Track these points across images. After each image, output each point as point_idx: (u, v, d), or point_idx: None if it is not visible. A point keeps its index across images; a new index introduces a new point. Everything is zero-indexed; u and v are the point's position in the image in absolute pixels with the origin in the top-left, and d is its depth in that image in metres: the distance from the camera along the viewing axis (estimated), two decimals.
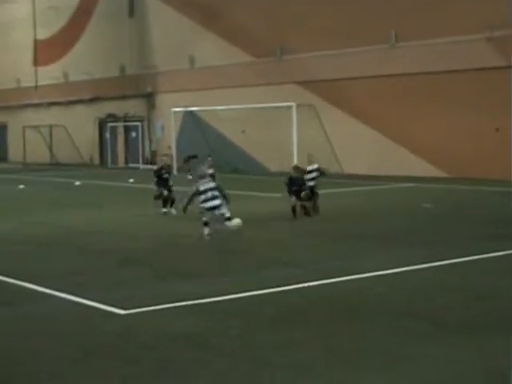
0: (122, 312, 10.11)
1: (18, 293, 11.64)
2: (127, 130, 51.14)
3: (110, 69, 50.81)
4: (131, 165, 48.81)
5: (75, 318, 10.01)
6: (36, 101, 57.82)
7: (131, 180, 35.30)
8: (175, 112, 43.37)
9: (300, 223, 19.48)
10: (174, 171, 41.00)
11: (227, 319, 9.78)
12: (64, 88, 55.13)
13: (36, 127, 55.69)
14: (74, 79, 54.28)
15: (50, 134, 55.53)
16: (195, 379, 7.51)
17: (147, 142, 49.35)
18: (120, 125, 51.34)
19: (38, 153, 55.47)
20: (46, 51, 57.04)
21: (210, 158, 25.66)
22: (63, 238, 17.61)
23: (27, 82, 58.85)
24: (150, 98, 48.81)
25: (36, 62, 58.38)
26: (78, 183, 33.80)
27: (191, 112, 44.10)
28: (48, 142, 55.96)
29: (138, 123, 49.52)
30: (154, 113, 48.75)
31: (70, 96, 54.33)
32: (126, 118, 50.82)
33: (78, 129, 53.91)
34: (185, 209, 17.41)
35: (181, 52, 45.14)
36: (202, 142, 43.14)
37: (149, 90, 48.46)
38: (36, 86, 58.34)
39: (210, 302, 10.64)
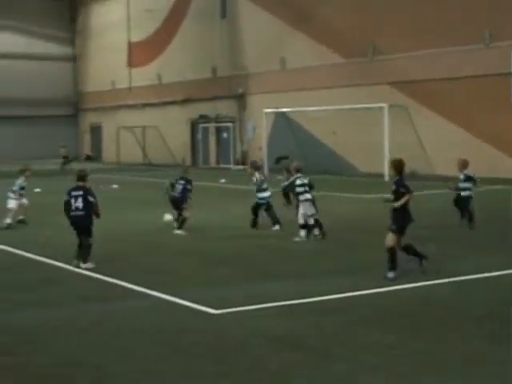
0: (214, 312, 10.18)
1: (111, 290, 11.85)
2: (219, 130, 51.56)
3: (202, 70, 51.32)
4: (222, 165, 49.19)
5: (167, 316, 10.13)
6: (130, 102, 58.86)
7: (223, 180, 35.56)
8: (266, 113, 43.53)
9: None
10: (265, 171, 41.24)
11: (320, 320, 9.74)
12: (157, 89, 55.96)
13: (130, 128, 56.72)
14: (167, 81, 55.04)
15: (143, 135, 56.46)
16: (287, 380, 7.51)
17: (238, 143, 49.65)
18: (212, 126, 51.79)
19: (132, 153, 56.49)
20: (140, 53, 58.02)
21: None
22: (156, 237, 17.84)
23: (122, 83, 59.99)
24: (241, 99, 49.08)
25: (130, 64, 59.45)
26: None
27: (282, 113, 44.17)
28: (141, 143, 56.90)
29: (230, 124, 49.88)
30: (245, 114, 49.00)
31: (162, 97, 55.11)
32: (217, 119, 51.25)
33: (171, 129, 54.64)
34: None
35: (272, 53, 45.25)
36: (293, 143, 43.18)
37: (240, 91, 48.74)
38: (130, 88, 59.41)
39: (302, 303, 10.63)
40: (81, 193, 13.77)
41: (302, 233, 16.74)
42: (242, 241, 16.99)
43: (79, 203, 13.68)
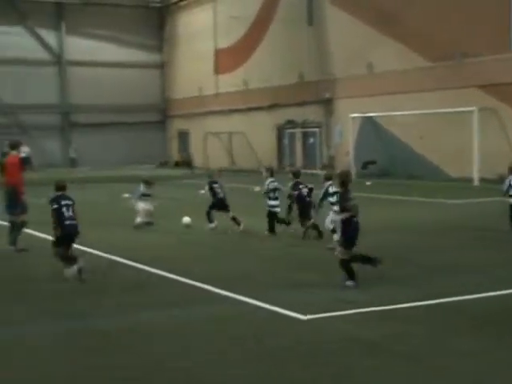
0: (302, 317, 10.17)
1: (197, 294, 11.95)
2: (305, 135, 51.55)
3: (288, 76, 51.43)
4: (309, 171, 49.15)
5: (255, 321, 10.16)
6: (217, 108, 59.40)
7: (310, 186, 35.48)
8: (353, 117, 43.35)
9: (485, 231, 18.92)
10: (353, 176, 41.08)
11: (410, 326, 9.65)
12: (244, 95, 56.32)
13: (217, 134, 57.22)
14: (253, 86, 55.33)
15: (230, 141, 56.88)
16: None
17: (325, 148, 49.55)
18: (298, 131, 51.83)
19: (219, 159, 56.93)
20: (226, 60, 58.51)
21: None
22: (239, 241, 17.96)
23: (208, 90, 60.61)
24: (328, 103, 48.97)
25: (217, 71, 60.01)
26: (257, 189, 34.35)
27: (369, 117, 43.91)
28: (228, 148, 57.34)
29: (316, 129, 49.82)
30: (332, 119, 48.89)
31: (249, 103, 55.43)
32: (304, 124, 51.26)
33: (257, 135, 54.90)
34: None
35: (359, 57, 45.03)
36: (380, 148, 42.88)
37: (327, 96, 48.64)
38: (217, 94, 59.96)
39: (391, 309, 10.54)
40: (70, 202, 13.83)
41: (336, 237, 16.64)
42: (321, 246, 16.93)
43: (71, 212, 13.66)
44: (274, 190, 19.86)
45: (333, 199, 16.48)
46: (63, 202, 13.74)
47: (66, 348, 9.04)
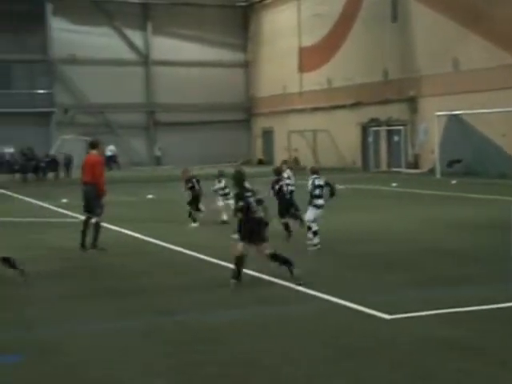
0: (386, 316, 10.14)
1: (285, 293, 12.00)
2: (390, 134, 51.13)
3: (372, 74, 51.08)
4: (393, 169, 48.77)
5: (339, 320, 10.16)
6: (300, 106, 59.40)
7: (394, 184, 35.31)
8: (439, 115, 42.76)
9: None
10: (438, 175, 40.58)
11: (497, 328, 9.51)
12: (327, 93, 56.18)
13: (300, 132, 57.22)
14: (336, 85, 55.15)
15: (314, 139, 56.80)
16: None
17: (410, 146, 49.06)
18: (383, 129, 51.45)
19: (302, 157, 56.83)
20: (310, 58, 58.45)
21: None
22: (326, 240, 17.95)
23: (292, 88, 60.65)
24: (412, 102, 48.45)
25: (301, 69, 60.02)
26: (340, 187, 34.26)
27: (455, 115, 43.24)
28: (312, 147, 57.27)
29: (401, 127, 49.35)
30: (416, 117, 48.35)
31: (332, 101, 55.26)
32: (388, 123, 50.84)
33: (341, 133, 54.70)
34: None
35: (444, 55, 44.41)
36: (466, 146, 42.18)
37: (411, 93, 48.13)
38: (301, 92, 59.97)
39: (477, 310, 10.40)
40: None
41: (316, 239, 16.47)
42: (410, 244, 16.80)
43: None
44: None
45: (316, 192, 16.41)
46: None
47: (158, 344, 9.19)
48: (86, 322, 10.46)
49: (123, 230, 20.40)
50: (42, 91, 61.21)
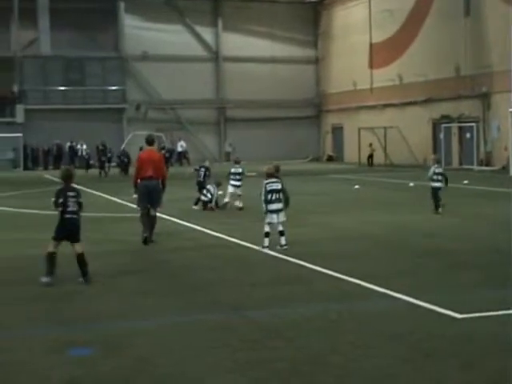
0: (458, 316, 9.99)
1: (352, 290, 11.93)
2: (461, 130, 50.44)
3: (444, 69, 50.48)
4: (465, 166, 48.10)
5: (410, 318, 10.04)
6: (371, 103, 59.04)
7: (465, 181, 34.82)
8: None
9: None
10: (511, 172, 39.85)
11: None
12: (398, 90, 55.73)
13: (371, 129, 56.88)
14: (407, 81, 54.68)
15: (385, 136, 56.42)
16: None
17: (482, 143, 48.31)
18: (454, 125, 50.77)
19: (374, 154, 56.40)
20: (381, 54, 58.05)
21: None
22: (396, 237, 17.82)
23: (363, 84, 60.34)
24: (485, 98, 47.72)
25: (371, 65, 59.63)
26: (411, 184, 33.95)
27: None
28: (382, 144, 56.87)
29: (473, 124, 48.64)
30: (489, 113, 47.59)
31: (403, 98, 54.80)
32: (460, 119, 50.16)
33: (412, 130, 54.18)
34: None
35: None
36: None
37: (484, 90, 47.39)
38: (371, 89, 59.58)
39: None
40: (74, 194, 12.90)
41: (266, 241, 15.98)
42: (482, 243, 16.54)
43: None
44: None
45: (268, 197, 15.81)
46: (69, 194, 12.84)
47: (227, 340, 9.20)
48: (153, 316, 10.53)
49: (189, 225, 20.58)
50: (114, 88, 62.12)
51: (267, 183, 16.03)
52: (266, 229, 15.99)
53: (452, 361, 8.17)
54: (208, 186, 24.59)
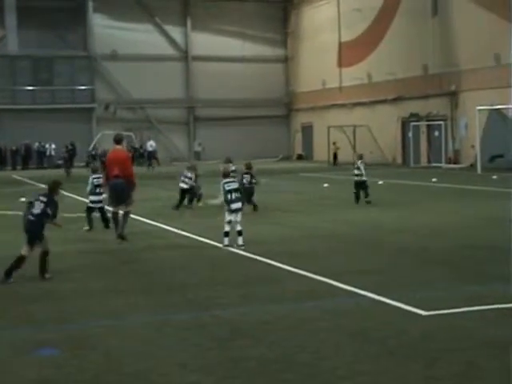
0: (423, 313, 10.11)
1: (319, 288, 12.02)
2: (430, 129, 50.81)
3: (412, 68, 50.82)
4: (434, 164, 48.46)
5: (376, 316, 10.15)
6: (340, 101, 59.27)
7: (434, 179, 35.08)
8: (480, 110, 42.36)
9: None
10: (479, 170, 40.20)
11: None
12: (367, 88, 56.00)
13: (340, 127, 57.09)
14: (377, 79, 54.97)
15: (354, 134, 56.67)
16: None
17: (450, 141, 48.70)
18: (423, 124, 51.14)
19: (342, 152, 56.76)
20: (350, 53, 58.28)
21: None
22: (365, 235, 17.94)
23: (332, 83, 60.55)
24: (453, 96, 48.11)
25: (340, 64, 59.86)
26: (380, 182, 34.13)
27: (496, 110, 42.83)
28: (351, 142, 57.10)
29: (441, 122, 49.02)
30: (457, 111, 47.99)
31: (373, 96, 55.08)
32: (428, 117, 50.53)
33: (381, 128, 54.47)
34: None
35: (485, 49, 44.00)
36: (508, 141, 41.74)
37: (452, 88, 47.78)
38: (340, 87, 59.82)
39: None
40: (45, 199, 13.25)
41: (226, 241, 16.22)
42: (452, 241, 16.71)
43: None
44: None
45: (229, 197, 15.99)
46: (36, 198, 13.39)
47: (197, 339, 9.27)
48: (124, 316, 10.58)
49: (159, 225, 20.58)
50: (83, 87, 61.82)
51: (225, 183, 16.21)
52: (227, 228, 16.14)
53: (416, 357, 8.27)
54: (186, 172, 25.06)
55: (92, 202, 19.94)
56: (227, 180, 16.31)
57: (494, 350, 8.49)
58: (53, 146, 58.57)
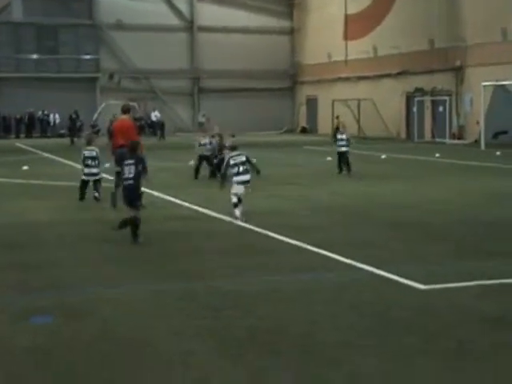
0: (421, 287, 10.09)
1: (318, 261, 11.98)
2: (434, 104, 50.59)
3: (418, 42, 50.48)
4: (437, 139, 48.32)
5: (374, 289, 10.11)
6: (345, 75, 58.98)
7: (437, 155, 34.98)
8: (485, 86, 42.14)
9: None
10: (482, 146, 40.07)
11: None
12: (372, 62, 55.69)
13: (344, 101, 56.85)
14: (382, 53, 54.63)
15: (358, 108, 56.45)
16: (494, 362, 7.33)
17: (455, 117, 48.51)
18: (427, 99, 50.91)
19: (347, 126, 56.47)
20: (356, 26, 57.89)
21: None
22: (366, 208, 17.91)
23: (338, 56, 60.20)
24: (458, 71, 47.84)
25: (346, 37, 59.50)
26: (383, 156, 34.00)
27: (502, 86, 42.60)
28: (356, 116, 56.92)
29: (446, 97, 48.78)
30: (462, 87, 47.75)
31: (378, 70, 54.78)
32: (433, 92, 50.30)
33: (385, 103, 54.23)
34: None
35: (492, 24, 43.69)
36: None
37: (457, 63, 47.50)
38: (346, 61, 59.51)
39: None
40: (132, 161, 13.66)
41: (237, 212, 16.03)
42: (453, 216, 16.67)
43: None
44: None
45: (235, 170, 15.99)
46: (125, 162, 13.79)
47: (190, 308, 9.27)
48: (120, 284, 10.58)
49: (164, 196, 20.56)
50: (87, 56, 61.57)
51: (231, 157, 16.21)
52: (234, 199, 16.03)
53: (412, 331, 8.24)
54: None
55: (85, 174, 19.70)
56: (234, 153, 16.28)
57: (487, 325, 8.47)
58: (56, 115, 58.45)
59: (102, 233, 14.85)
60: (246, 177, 16.07)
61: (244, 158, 16.18)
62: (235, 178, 15.98)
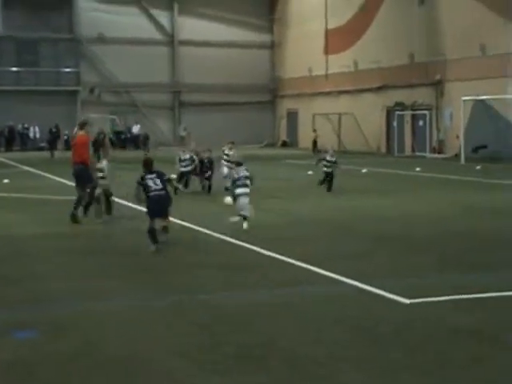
0: (406, 301, 10.13)
1: (302, 275, 12.01)
2: (414, 118, 50.84)
3: (398, 57, 50.76)
4: (418, 153, 48.54)
5: (358, 303, 10.16)
6: (326, 89, 59.18)
7: (418, 169, 35.15)
8: (465, 100, 42.41)
9: None
10: (462, 160, 40.28)
11: None
12: (353, 76, 55.92)
13: (325, 115, 57.02)
14: (362, 67, 54.87)
15: (339, 122, 56.63)
16: (475, 374, 7.38)
17: (435, 131, 48.77)
18: (407, 113, 51.17)
19: (327, 140, 56.71)
20: (336, 40, 58.13)
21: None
22: (349, 222, 17.97)
23: (318, 70, 60.40)
24: (438, 86, 48.13)
25: (327, 51, 59.74)
26: (364, 170, 34.16)
27: (481, 100, 42.91)
28: (336, 130, 57.11)
29: (426, 112, 49.06)
30: (442, 101, 48.04)
31: (358, 84, 55.01)
32: (413, 107, 50.57)
33: (366, 117, 54.45)
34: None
35: (471, 39, 44.02)
36: (492, 132, 41.89)
37: (437, 77, 47.80)
38: (326, 75, 59.73)
39: (497, 296, 10.36)
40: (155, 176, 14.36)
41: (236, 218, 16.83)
42: (434, 229, 16.76)
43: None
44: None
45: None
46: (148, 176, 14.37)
47: (180, 323, 9.26)
48: (104, 299, 10.55)
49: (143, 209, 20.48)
50: (68, 70, 61.43)
51: (237, 172, 17.34)
52: (231, 201, 17.21)
53: (397, 346, 8.29)
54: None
55: None
56: (240, 169, 17.35)
57: (472, 339, 8.53)
58: (36, 128, 58.25)
59: (87, 245, 14.81)
60: (243, 190, 16.98)
61: (248, 173, 17.22)
62: (237, 191, 16.89)
